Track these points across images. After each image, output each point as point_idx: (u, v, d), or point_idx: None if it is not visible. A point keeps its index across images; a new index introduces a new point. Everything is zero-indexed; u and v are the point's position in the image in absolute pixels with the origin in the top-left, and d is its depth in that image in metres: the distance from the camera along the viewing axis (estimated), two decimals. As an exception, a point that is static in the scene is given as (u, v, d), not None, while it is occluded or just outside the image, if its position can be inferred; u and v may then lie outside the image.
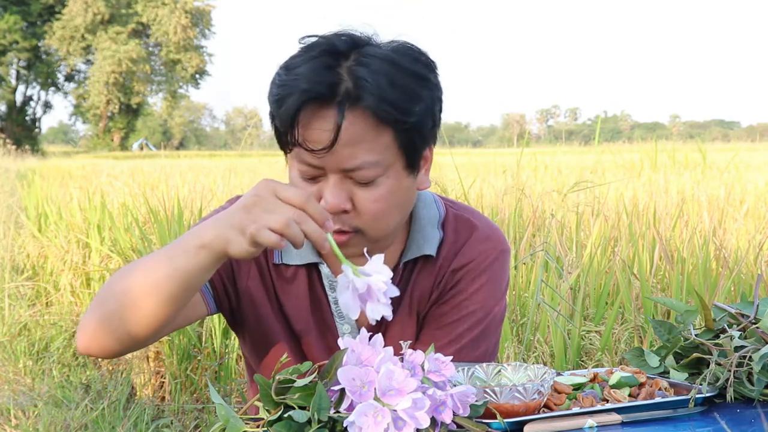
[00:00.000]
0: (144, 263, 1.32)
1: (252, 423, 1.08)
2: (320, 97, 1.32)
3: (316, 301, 1.53)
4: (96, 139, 58.22)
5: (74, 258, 5.95)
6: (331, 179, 1.37)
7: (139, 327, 1.32)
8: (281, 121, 1.36)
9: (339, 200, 1.36)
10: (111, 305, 1.32)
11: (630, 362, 1.49)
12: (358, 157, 1.35)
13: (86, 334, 1.35)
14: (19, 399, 4.20)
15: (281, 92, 1.35)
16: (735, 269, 3.59)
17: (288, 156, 1.43)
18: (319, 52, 1.36)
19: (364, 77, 1.33)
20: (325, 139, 1.33)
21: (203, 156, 27.41)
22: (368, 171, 1.36)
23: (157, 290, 1.29)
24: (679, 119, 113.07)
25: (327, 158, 1.34)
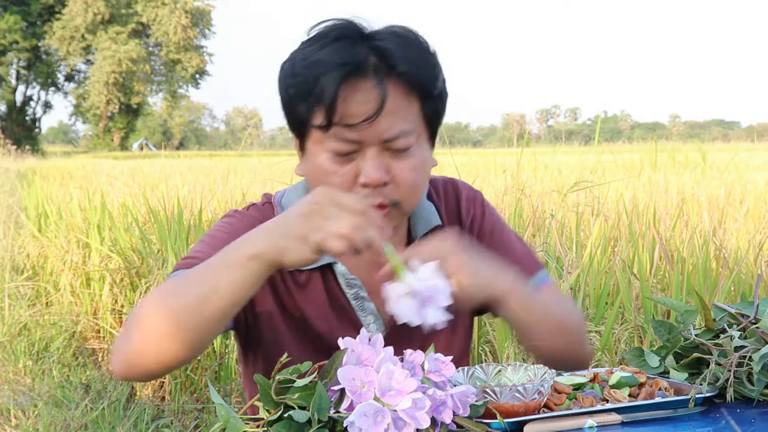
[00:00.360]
0: (185, 282, 1.29)
1: (252, 423, 1.08)
2: (357, 70, 1.35)
3: (335, 300, 1.53)
4: (96, 139, 58.23)
5: (74, 258, 5.95)
6: (369, 153, 1.38)
7: (185, 346, 1.29)
8: (315, 101, 1.37)
9: (380, 173, 1.38)
10: (155, 327, 1.27)
11: (630, 362, 1.49)
12: (396, 126, 1.38)
13: (124, 361, 1.31)
14: (19, 399, 4.20)
15: (309, 74, 1.37)
16: (735, 269, 3.59)
17: (309, 142, 1.42)
18: (334, 36, 1.39)
19: (389, 49, 1.38)
20: (367, 110, 1.35)
21: (203, 156, 27.41)
22: (405, 139, 1.40)
23: (204, 307, 1.26)
24: (679, 119, 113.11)
25: (367, 131, 1.37)
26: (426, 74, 1.41)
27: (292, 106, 1.42)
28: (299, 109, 1.40)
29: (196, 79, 57.84)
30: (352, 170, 1.39)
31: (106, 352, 5.02)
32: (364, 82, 1.36)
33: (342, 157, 1.39)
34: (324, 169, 1.40)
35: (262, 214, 1.53)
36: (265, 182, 8.47)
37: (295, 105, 1.41)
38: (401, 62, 1.38)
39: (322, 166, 1.41)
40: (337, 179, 1.39)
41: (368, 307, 1.53)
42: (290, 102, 1.42)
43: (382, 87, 1.36)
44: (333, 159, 1.39)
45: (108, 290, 5.37)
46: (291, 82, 1.40)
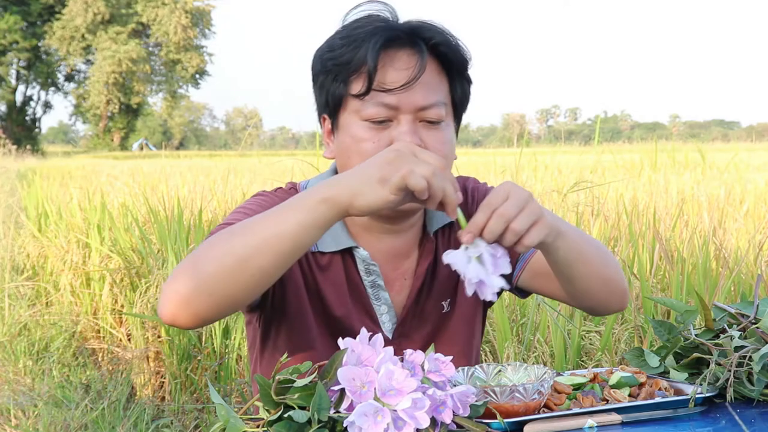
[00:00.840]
0: (248, 225, 1.28)
1: (252, 423, 1.08)
2: (396, 39, 1.44)
3: (353, 286, 1.55)
4: (96, 139, 58.23)
5: (74, 258, 5.95)
6: (404, 121, 1.44)
7: (244, 289, 1.27)
8: (354, 69, 1.43)
9: (415, 139, 1.43)
10: (211, 267, 1.25)
11: (630, 362, 1.49)
12: (431, 97, 1.45)
13: (175, 301, 1.27)
14: (19, 399, 4.20)
15: (349, 46, 1.44)
16: (735, 269, 3.59)
17: (344, 115, 1.47)
18: (371, 16, 1.48)
19: (425, 26, 1.46)
20: (405, 77, 1.42)
21: (203, 156, 27.40)
22: (438, 110, 1.46)
23: (266, 248, 1.24)
24: (679, 119, 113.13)
25: (404, 96, 1.43)
26: (457, 55, 1.48)
27: (328, 81, 1.48)
28: (337, 80, 1.46)
29: (196, 79, 57.83)
30: (387, 138, 1.44)
31: (106, 352, 5.02)
32: (403, 50, 1.44)
33: (377, 125, 1.45)
34: (360, 137, 1.46)
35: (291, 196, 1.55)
36: (265, 182, 8.47)
37: (332, 78, 1.47)
38: (436, 38, 1.45)
39: (357, 135, 1.46)
40: (371, 146, 1.44)
41: (383, 296, 1.56)
42: (327, 77, 1.48)
43: (421, 56, 1.43)
44: (368, 127, 1.45)
45: (108, 290, 5.37)
46: (329, 56, 1.47)
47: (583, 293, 1.49)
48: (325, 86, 1.49)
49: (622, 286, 1.55)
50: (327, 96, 1.49)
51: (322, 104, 1.52)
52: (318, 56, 1.50)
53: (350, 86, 1.45)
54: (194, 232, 5.30)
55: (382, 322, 1.57)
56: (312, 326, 1.54)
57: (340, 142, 1.50)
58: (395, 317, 1.57)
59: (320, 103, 1.53)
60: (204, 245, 1.31)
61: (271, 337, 1.59)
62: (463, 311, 1.62)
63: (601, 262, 1.49)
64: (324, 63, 1.48)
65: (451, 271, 1.60)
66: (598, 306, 1.54)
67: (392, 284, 1.58)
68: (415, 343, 1.56)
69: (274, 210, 1.28)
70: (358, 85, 1.44)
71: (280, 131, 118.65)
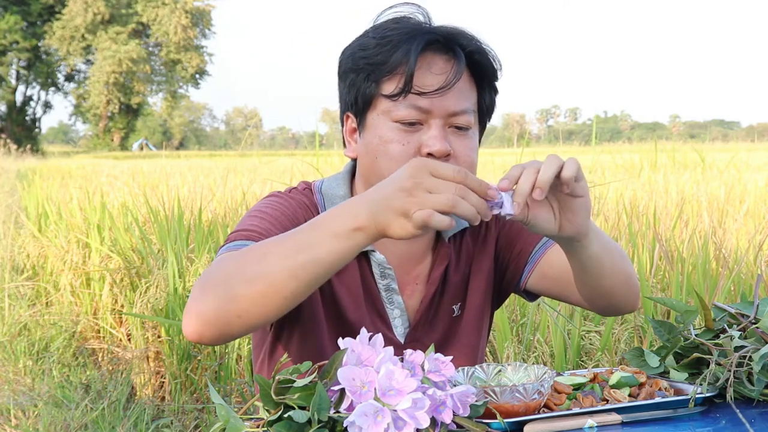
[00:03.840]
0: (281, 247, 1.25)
1: (252, 423, 1.08)
2: (435, 44, 1.44)
3: (368, 289, 1.55)
4: (96, 139, 58.22)
5: (74, 258, 5.95)
6: (434, 126, 1.44)
7: (275, 310, 1.26)
8: (390, 70, 1.43)
9: (444, 145, 1.44)
10: (241, 290, 1.24)
11: (630, 362, 1.49)
12: (462, 102, 1.46)
13: (203, 320, 1.25)
14: (19, 399, 4.20)
15: (385, 46, 1.43)
16: (735, 269, 3.59)
17: (373, 114, 1.46)
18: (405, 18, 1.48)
19: (460, 33, 1.46)
20: (441, 81, 1.43)
21: (203, 156, 27.40)
22: (468, 117, 1.47)
23: (302, 274, 1.22)
24: (679, 119, 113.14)
25: (437, 101, 1.43)
26: (490, 65, 1.49)
27: (359, 79, 1.46)
28: (370, 79, 1.45)
29: (196, 79, 57.83)
30: (416, 141, 1.44)
31: (106, 352, 5.02)
32: (440, 55, 1.45)
33: (407, 127, 1.44)
34: (388, 139, 1.45)
35: (307, 197, 1.56)
36: (265, 182, 8.48)
37: (364, 77, 1.46)
38: (472, 47, 1.47)
39: (386, 136, 1.45)
40: (400, 148, 1.44)
41: (396, 300, 1.56)
42: (358, 75, 1.47)
43: (458, 62, 1.44)
44: (398, 129, 1.45)
45: (108, 290, 5.37)
46: (361, 55, 1.46)
47: (607, 291, 1.46)
48: (355, 84, 1.48)
49: (638, 283, 1.54)
50: (356, 94, 1.48)
51: (349, 102, 1.50)
52: (348, 54, 1.49)
53: (382, 86, 1.45)
54: (194, 232, 5.30)
55: (395, 326, 1.57)
56: (323, 330, 1.53)
57: (366, 141, 1.49)
58: (407, 321, 1.57)
59: (347, 100, 1.51)
60: (230, 262, 1.28)
61: (282, 341, 1.58)
62: (472, 315, 1.62)
63: (623, 257, 1.48)
64: (356, 61, 1.47)
65: (462, 275, 1.62)
66: (617, 305, 1.51)
67: (405, 288, 1.58)
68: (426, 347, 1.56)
69: (306, 233, 1.24)
70: (392, 86, 1.44)
71: (280, 131, 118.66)
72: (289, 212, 1.50)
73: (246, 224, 1.46)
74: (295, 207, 1.52)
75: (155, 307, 4.68)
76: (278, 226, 1.45)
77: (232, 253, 1.32)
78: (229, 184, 8.49)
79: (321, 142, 8.95)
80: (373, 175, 1.47)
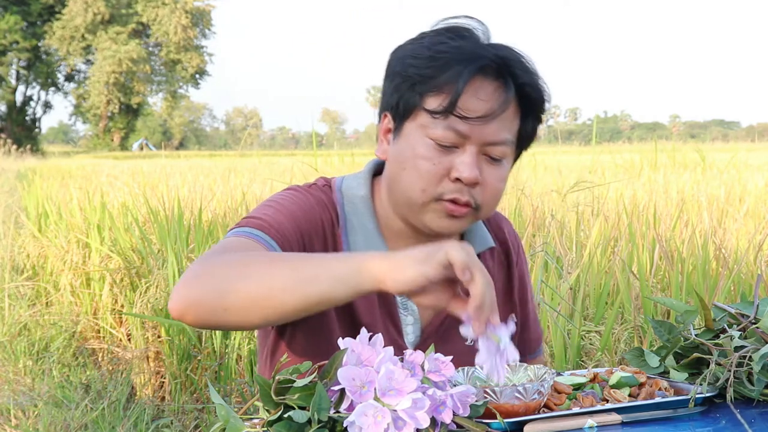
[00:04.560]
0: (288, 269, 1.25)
1: (252, 423, 1.08)
2: (488, 69, 1.40)
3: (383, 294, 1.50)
4: (96, 139, 58.24)
5: (74, 258, 5.95)
6: (469, 152, 1.42)
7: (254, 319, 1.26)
8: (437, 87, 1.40)
9: (475, 174, 1.42)
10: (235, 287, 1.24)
11: (630, 362, 1.49)
12: (501, 133, 1.44)
13: (190, 302, 1.26)
14: (19, 399, 4.20)
15: (438, 60, 1.40)
16: (735, 269, 3.58)
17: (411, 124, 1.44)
18: (462, 34, 1.44)
19: (513, 60, 1.42)
20: (486, 109, 1.40)
21: (203, 156, 27.40)
22: (504, 148, 1.45)
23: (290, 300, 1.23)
24: (679, 119, 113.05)
25: (477, 128, 1.41)
26: (537, 96, 1.46)
27: (405, 86, 1.44)
28: (415, 89, 1.42)
29: (196, 79, 57.84)
30: (447, 163, 1.42)
31: (106, 352, 5.02)
32: (489, 82, 1.41)
33: (442, 148, 1.42)
34: (420, 154, 1.42)
35: (326, 195, 1.54)
36: (265, 182, 8.48)
37: (409, 86, 1.43)
38: (524, 78, 1.43)
39: (418, 151, 1.43)
40: (430, 166, 1.42)
41: (411, 307, 1.55)
42: (404, 82, 1.44)
43: (507, 94, 1.41)
44: (433, 147, 1.42)
45: (108, 290, 5.37)
46: (413, 63, 1.43)
47: None
48: (399, 90, 1.45)
49: None
50: (399, 99, 1.45)
51: (391, 104, 1.48)
52: (399, 57, 1.46)
53: (426, 100, 1.42)
54: (194, 232, 5.30)
55: (406, 333, 1.55)
56: (334, 331, 1.50)
57: (398, 149, 1.47)
58: (419, 330, 1.56)
59: (389, 101, 1.48)
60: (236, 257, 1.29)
61: (284, 338, 1.55)
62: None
63: None
64: (405, 67, 1.44)
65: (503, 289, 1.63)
66: None
67: None
68: None
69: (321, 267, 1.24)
70: (435, 103, 1.41)
71: (280, 131, 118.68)
72: (306, 207, 1.49)
73: (260, 212, 1.46)
74: (312, 203, 1.51)
75: (155, 307, 4.68)
76: (291, 221, 1.45)
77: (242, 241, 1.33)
78: (229, 184, 8.50)
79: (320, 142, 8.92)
80: (397, 184, 1.47)
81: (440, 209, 1.44)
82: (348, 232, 1.52)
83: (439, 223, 1.45)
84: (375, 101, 43.32)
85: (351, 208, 1.53)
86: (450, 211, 1.43)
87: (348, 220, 1.53)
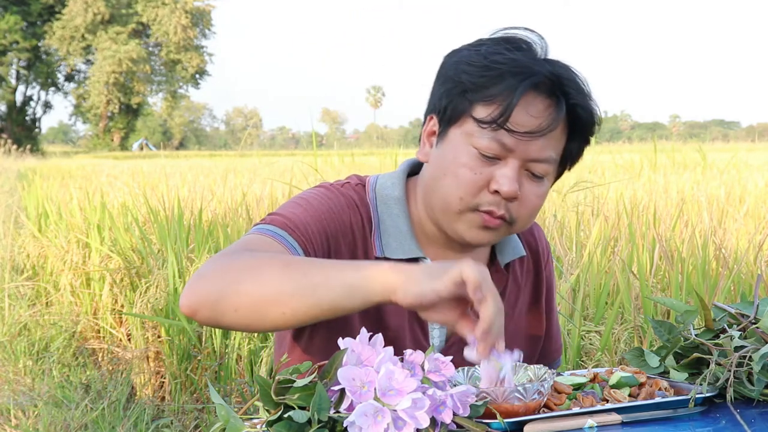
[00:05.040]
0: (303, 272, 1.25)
1: (252, 423, 1.08)
2: (542, 85, 1.39)
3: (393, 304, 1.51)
4: (96, 139, 58.25)
5: (74, 258, 5.95)
6: (511, 165, 1.40)
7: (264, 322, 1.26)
8: (489, 97, 1.38)
9: (515, 188, 1.40)
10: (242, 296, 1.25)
11: (630, 362, 1.49)
12: (546, 151, 1.42)
13: (201, 298, 1.27)
14: (19, 399, 4.20)
15: (493, 69, 1.38)
16: (735, 269, 3.58)
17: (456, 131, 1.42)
18: (519, 46, 1.42)
19: (568, 79, 1.41)
20: (536, 125, 1.38)
21: (203, 156, 27.41)
22: (547, 166, 1.44)
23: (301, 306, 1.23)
24: (679, 119, 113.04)
25: (524, 143, 1.39)
26: (587, 118, 1.45)
27: (455, 91, 1.42)
28: (466, 96, 1.40)
29: (196, 79, 57.86)
30: (488, 174, 1.40)
31: (106, 352, 5.02)
32: (541, 99, 1.39)
33: (485, 159, 1.40)
34: (462, 162, 1.41)
35: (359, 195, 1.53)
36: (265, 182, 8.47)
37: (460, 92, 1.41)
38: (576, 99, 1.42)
39: (461, 159, 1.41)
40: (470, 175, 1.40)
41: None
42: (456, 87, 1.42)
43: (558, 112, 1.40)
44: (476, 156, 1.40)
45: (108, 290, 5.38)
46: (467, 69, 1.41)
47: None
48: (449, 94, 1.43)
49: None
50: (448, 104, 1.43)
51: (439, 107, 1.45)
52: (454, 61, 1.44)
53: (476, 109, 1.40)
54: (194, 232, 5.30)
55: (432, 336, 1.54)
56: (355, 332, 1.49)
57: (441, 153, 1.45)
58: (445, 335, 1.54)
59: (437, 104, 1.46)
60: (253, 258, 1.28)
61: (302, 342, 1.53)
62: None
63: None
64: (458, 72, 1.42)
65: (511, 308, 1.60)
66: None
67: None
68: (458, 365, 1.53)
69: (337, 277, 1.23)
70: (485, 113, 1.38)
71: (280, 131, 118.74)
72: (336, 208, 1.47)
73: (287, 210, 1.44)
74: (343, 204, 1.49)
75: (155, 307, 4.68)
76: (318, 222, 1.43)
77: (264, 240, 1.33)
78: (229, 184, 8.49)
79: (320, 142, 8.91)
80: (435, 188, 1.45)
81: (475, 219, 1.43)
82: (381, 234, 1.50)
83: (472, 233, 1.44)
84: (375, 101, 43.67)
85: (384, 209, 1.52)
86: (485, 222, 1.42)
87: (381, 222, 1.51)
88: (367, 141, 64.01)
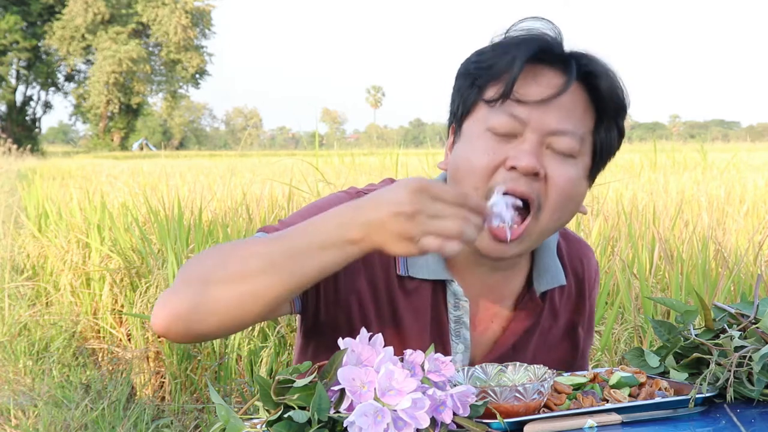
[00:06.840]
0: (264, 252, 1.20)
1: (251, 423, 1.08)
2: (552, 53, 1.35)
3: (436, 318, 1.44)
4: (96, 139, 58.24)
5: (74, 258, 5.95)
6: (528, 140, 1.33)
7: (246, 316, 1.22)
8: (495, 75, 1.34)
9: (532, 161, 1.31)
10: (217, 290, 1.20)
11: (630, 362, 1.49)
12: (564, 122, 1.34)
13: (173, 312, 1.21)
14: (19, 399, 4.20)
15: (497, 52, 1.35)
16: (735, 269, 3.59)
17: (470, 122, 1.38)
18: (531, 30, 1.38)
19: (586, 56, 1.37)
20: (543, 93, 1.33)
21: (203, 156, 27.41)
22: (573, 140, 1.34)
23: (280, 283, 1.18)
24: (679, 119, 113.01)
25: (535, 113, 1.32)
26: (612, 95, 1.38)
27: (465, 85, 1.38)
28: (474, 85, 1.37)
29: (196, 79, 57.85)
30: (504, 153, 1.33)
31: (106, 352, 5.02)
32: (551, 68, 1.34)
33: (500, 137, 1.34)
34: (476, 146, 1.35)
35: None
36: (265, 182, 8.47)
37: (469, 83, 1.38)
38: (592, 67, 1.36)
39: (475, 144, 1.35)
40: (484, 158, 1.33)
41: (464, 334, 1.45)
42: (465, 81, 1.39)
43: (568, 77, 1.33)
44: (490, 137, 1.34)
45: (108, 290, 5.38)
46: (474, 59, 1.38)
47: None
48: (460, 91, 1.39)
49: None
50: (459, 101, 1.39)
51: (453, 110, 1.42)
52: (465, 61, 1.41)
53: (485, 92, 1.35)
54: (194, 232, 5.30)
55: (454, 361, 1.45)
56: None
57: (456, 149, 1.39)
58: (468, 360, 1.47)
59: (451, 109, 1.43)
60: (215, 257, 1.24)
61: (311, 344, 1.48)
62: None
63: None
64: (467, 67, 1.39)
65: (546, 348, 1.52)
66: None
67: (477, 324, 1.48)
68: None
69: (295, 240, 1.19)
70: (493, 91, 1.34)
71: (280, 131, 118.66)
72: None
73: (294, 218, 1.37)
74: None
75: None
76: None
77: (221, 246, 1.28)
78: (229, 184, 8.49)
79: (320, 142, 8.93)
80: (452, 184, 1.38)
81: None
82: None
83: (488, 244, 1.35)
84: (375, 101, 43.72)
85: None
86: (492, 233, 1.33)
87: None
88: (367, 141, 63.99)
